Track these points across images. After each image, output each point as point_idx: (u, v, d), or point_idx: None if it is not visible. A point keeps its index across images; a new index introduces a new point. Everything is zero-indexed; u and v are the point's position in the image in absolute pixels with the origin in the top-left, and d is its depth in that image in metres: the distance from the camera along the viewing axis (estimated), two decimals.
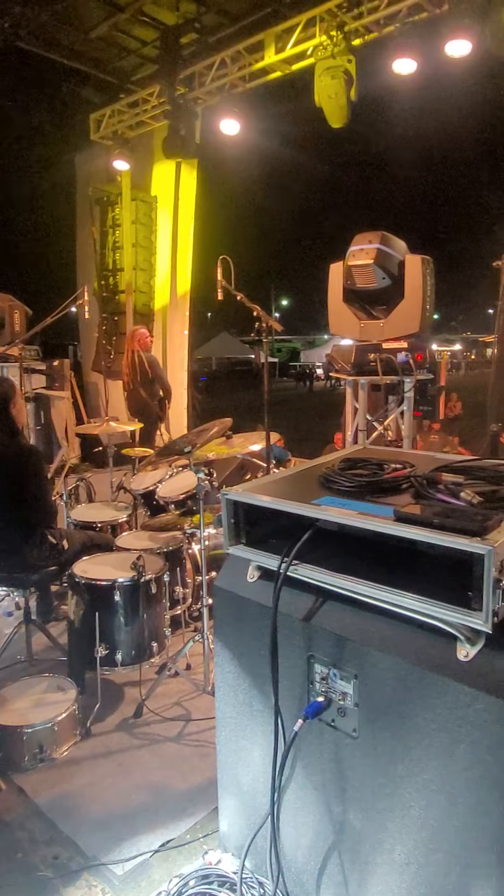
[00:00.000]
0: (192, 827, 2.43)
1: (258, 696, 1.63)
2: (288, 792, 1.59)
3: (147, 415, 6.66)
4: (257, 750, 1.66)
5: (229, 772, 1.77)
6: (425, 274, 2.79)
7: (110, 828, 2.43)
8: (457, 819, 1.27)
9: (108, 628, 3.07)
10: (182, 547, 3.67)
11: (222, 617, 1.71)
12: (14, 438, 3.19)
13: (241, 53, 6.76)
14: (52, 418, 5.99)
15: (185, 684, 3.33)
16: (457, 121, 10.00)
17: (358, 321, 2.98)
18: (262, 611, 1.54)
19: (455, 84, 6.12)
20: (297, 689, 1.53)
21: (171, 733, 2.98)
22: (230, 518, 1.56)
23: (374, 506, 1.38)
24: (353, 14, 5.83)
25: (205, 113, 7.47)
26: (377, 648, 1.35)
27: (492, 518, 1.21)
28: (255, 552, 1.54)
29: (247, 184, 10.11)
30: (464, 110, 6.95)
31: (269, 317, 3.18)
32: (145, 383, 6.56)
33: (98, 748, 2.88)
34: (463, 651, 1.25)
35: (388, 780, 1.38)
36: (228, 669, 1.71)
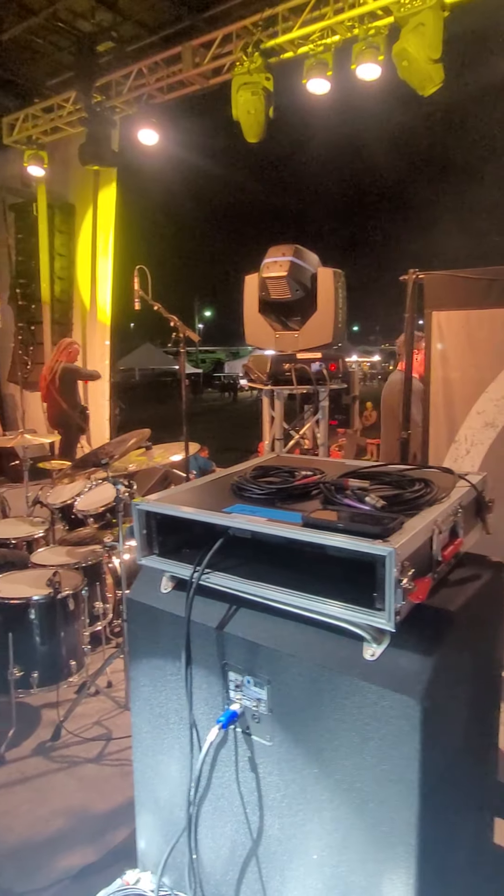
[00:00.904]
0: (112, 849, 2.37)
1: (174, 708, 1.61)
2: (205, 803, 1.58)
3: (68, 426, 6.49)
4: (174, 764, 1.63)
5: (147, 788, 1.73)
6: (337, 286, 2.89)
7: (26, 857, 2.34)
8: (368, 816, 1.30)
9: (23, 649, 2.94)
10: (101, 561, 3.58)
11: (136, 630, 1.68)
12: None
13: (158, 65, 6.77)
14: None
15: (106, 702, 3.25)
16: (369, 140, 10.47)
17: (273, 332, 3.04)
18: (176, 621, 1.52)
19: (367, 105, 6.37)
20: (213, 698, 1.52)
21: (91, 754, 2.90)
22: (143, 529, 1.55)
23: (283, 512, 1.40)
24: (269, 33, 5.96)
25: (123, 122, 7.40)
26: (289, 653, 1.37)
27: (393, 521, 1.26)
28: (168, 562, 1.53)
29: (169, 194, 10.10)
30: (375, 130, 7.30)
31: (186, 327, 3.18)
32: (65, 394, 6.40)
33: (13, 775, 2.76)
34: (369, 651, 1.28)
35: (302, 785, 1.40)
36: (143, 683, 1.68)
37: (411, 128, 12.38)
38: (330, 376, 2.92)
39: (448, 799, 1.37)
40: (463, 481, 1.57)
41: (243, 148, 6.22)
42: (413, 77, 4.96)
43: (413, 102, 5.16)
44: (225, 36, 6.27)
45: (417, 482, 1.51)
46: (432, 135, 18.73)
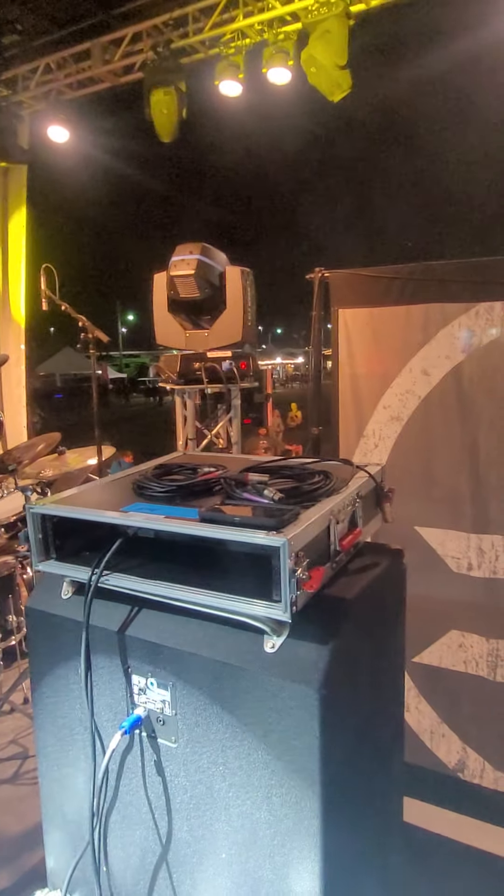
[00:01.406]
0: (27, 871, 2.28)
1: (78, 718, 1.55)
2: (113, 813, 1.53)
3: None
4: (80, 775, 1.58)
5: (53, 803, 1.66)
6: (245, 285, 2.90)
7: None
8: (273, 810, 1.30)
9: None
10: (14, 572, 3.44)
11: (36, 639, 1.61)
12: None
13: (67, 60, 6.60)
14: None
15: (22, 720, 3.13)
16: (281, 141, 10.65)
17: (184, 331, 3.02)
18: (77, 627, 1.47)
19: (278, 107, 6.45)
20: (118, 704, 1.48)
21: (6, 774, 2.78)
22: (38, 533, 1.48)
23: (181, 509, 1.38)
24: (179, 33, 5.94)
25: (32, 118, 7.16)
26: (190, 651, 1.35)
27: (288, 512, 1.27)
28: (67, 566, 1.48)
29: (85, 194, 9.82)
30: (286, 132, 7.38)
31: (94, 327, 3.11)
32: None
33: None
34: (269, 643, 1.28)
35: (208, 784, 1.38)
36: (46, 694, 1.61)
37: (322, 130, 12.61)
38: (241, 375, 2.93)
39: (351, 785, 1.39)
40: (362, 472, 1.61)
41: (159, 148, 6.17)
42: (322, 83, 5.07)
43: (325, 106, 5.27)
44: (135, 34, 6.20)
45: (317, 474, 1.53)
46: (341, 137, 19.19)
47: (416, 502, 2.69)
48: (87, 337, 3.16)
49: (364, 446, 2.77)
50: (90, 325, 3.12)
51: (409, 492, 2.65)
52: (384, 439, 2.73)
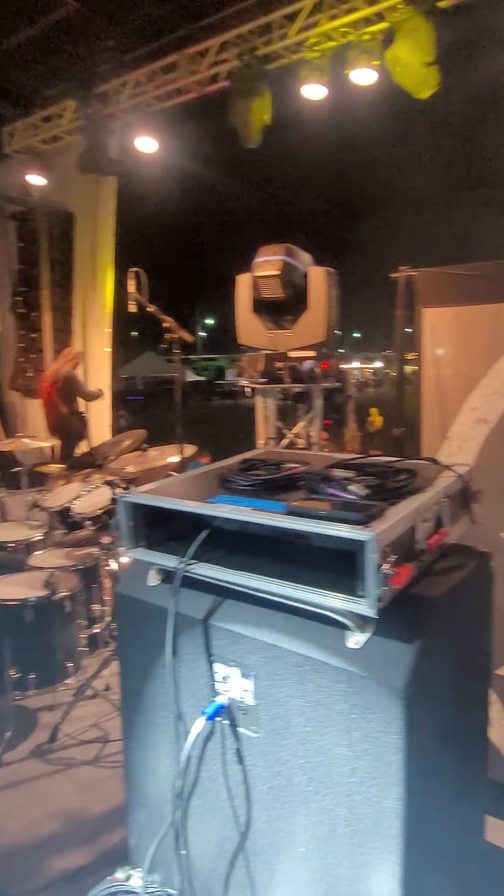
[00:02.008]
0: (107, 851, 2.36)
1: (163, 702, 1.60)
2: (193, 798, 1.57)
3: (67, 432, 6.51)
4: (163, 758, 1.63)
5: (137, 784, 1.72)
6: (329, 285, 2.89)
7: (19, 859, 2.32)
8: (353, 808, 1.29)
9: (20, 650, 2.95)
10: (99, 564, 3.58)
11: (124, 624, 1.68)
12: None
13: (156, 73, 6.83)
14: None
15: (104, 705, 3.24)
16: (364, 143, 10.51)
17: (266, 331, 3.05)
18: (163, 614, 1.52)
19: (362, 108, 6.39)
20: (200, 690, 1.52)
21: (88, 756, 2.89)
22: (129, 521, 1.55)
23: (267, 502, 1.40)
24: (264, 40, 6.02)
25: (122, 130, 7.45)
26: (273, 643, 1.37)
27: (375, 508, 1.26)
28: (155, 554, 1.53)
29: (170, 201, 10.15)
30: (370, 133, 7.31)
31: (180, 328, 3.20)
32: (66, 400, 6.44)
33: (8, 778, 2.75)
34: (353, 639, 1.28)
35: (288, 777, 1.39)
36: (132, 678, 1.67)
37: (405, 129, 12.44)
38: (323, 375, 2.93)
39: (434, 792, 1.36)
40: (448, 471, 1.57)
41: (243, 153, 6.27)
42: (408, 81, 5.00)
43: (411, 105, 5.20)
44: (221, 44, 6.33)
45: (402, 472, 1.51)
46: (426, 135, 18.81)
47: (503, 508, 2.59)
48: (172, 337, 3.25)
49: (448, 448, 2.70)
50: (176, 325, 3.22)
51: (496, 497, 2.56)
52: (469, 442, 2.65)
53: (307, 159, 9.50)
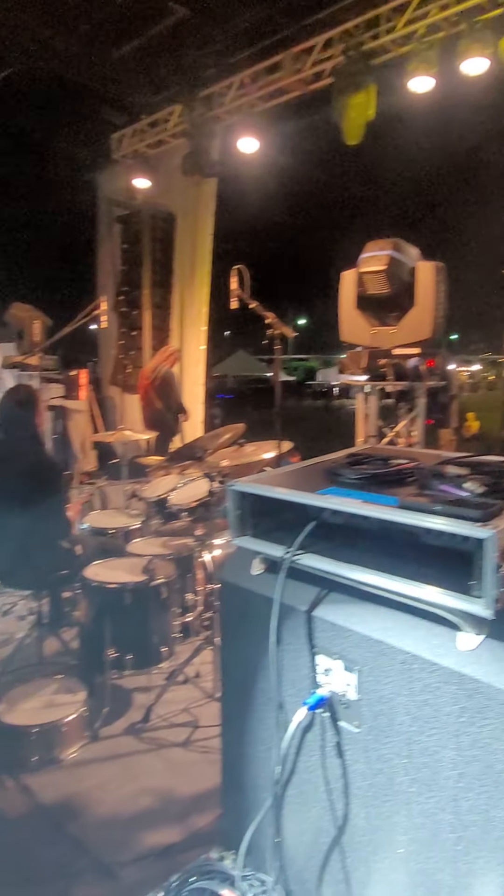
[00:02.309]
0: (196, 832, 2.42)
1: (262, 689, 1.62)
2: (290, 787, 1.58)
3: (162, 427, 6.73)
4: (260, 745, 1.65)
5: (233, 768, 1.76)
6: (438, 280, 2.81)
7: (115, 830, 2.43)
8: (459, 815, 1.26)
9: (118, 632, 3.07)
10: (193, 554, 3.67)
11: (227, 610, 1.72)
12: (37, 447, 3.23)
13: (259, 74, 6.91)
14: (69, 429, 6.08)
15: (194, 691, 3.33)
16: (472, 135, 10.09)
17: (370, 327, 3.01)
18: (267, 603, 1.54)
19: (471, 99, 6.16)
20: (302, 681, 1.52)
21: (179, 739, 2.97)
22: (236, 509, 1.58)
23: (378, 496, 1.39)
24: (371, 34, 5.94)
25: (224, 131, 7.60)
26: (379, 639, 1.35)
27: (494, 505, 1.22)
28: (261, 543, 1.55)
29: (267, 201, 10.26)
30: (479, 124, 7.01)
31: (281, 324, 3.22)
32: (163, 396, 6.65)
33: (105, 751, 2.88)
34: (465, 640, 1.24)
35: (389, 775, 1.37)
36: (233, 663, 1.71)
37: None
38: (428, 373, 2.85)
39: None
40: None
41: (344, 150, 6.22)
42: None
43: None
44: (326, 41, 6.31)
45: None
46: None
47: None
48: (273, 333, 3.28)
49: None
50: (277, 321, 3.25)
51: None
52: None
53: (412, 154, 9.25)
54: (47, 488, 3.19)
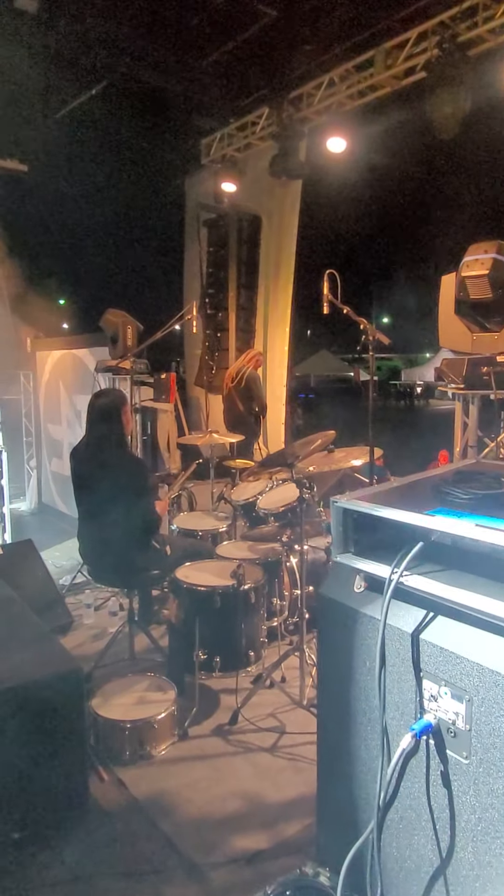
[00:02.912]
0: (284, 841, 2.42)
1: (362, 709, 1.60)
2: (391, 812, 1.54)
3: (244, 429, 6.79)
4: (359, 765, 1.62)
5: (329, 784, 1.74)
6: None
7: (205, 831, 2.47)
8: None
9: (208, 634, 3.13)
10: (280, 559, 3.68)
11: (326, 626, 1.70)
12: (122, 449, 3.34)
13: (349, 72, 6.81)
14: (156, 430, 6.26)
15: (280, 696, 3.33)
16: None
17: (470, 334, 2.90)
18: (369, 622, 1.51)
19: None
20: (404, 705, 1.49)
21: (266, 744, 2.99)
22: (339, 526, 1.56)
23: (492, 518, 1.33)
24: (467, 24, 5.72)
25: (311, 131, 7.56)
26: (493, 668, 1.29)
27: None
28: (365, 561, 1.53)
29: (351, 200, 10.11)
30: None
31: (376, 330, 3.16)
32: (245, 399, 6.70)
33: (194, 751, 2.93)
34: None
35: (501, 812, 1.31)
36: (331, 679, 1.69)
37: None
38: None
39: None
40: None
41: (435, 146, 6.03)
42: None
43: None
44: (420, 34, 6.14)
45: None
46: None
47: None
48: (368, 339, 3.23)
49: None
50: (371, 327, 3.19)
51: None
52: None
53: None
54: (135, 489, 3.28)
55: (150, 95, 8.03)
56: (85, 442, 3.40)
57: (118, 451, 3.32)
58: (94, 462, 3.31)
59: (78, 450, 3.43)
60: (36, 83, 7.20)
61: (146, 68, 7.53)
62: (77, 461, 3.40)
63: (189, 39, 7.16)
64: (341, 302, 3.47)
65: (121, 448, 3.34)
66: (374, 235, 27.55)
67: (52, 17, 6.52)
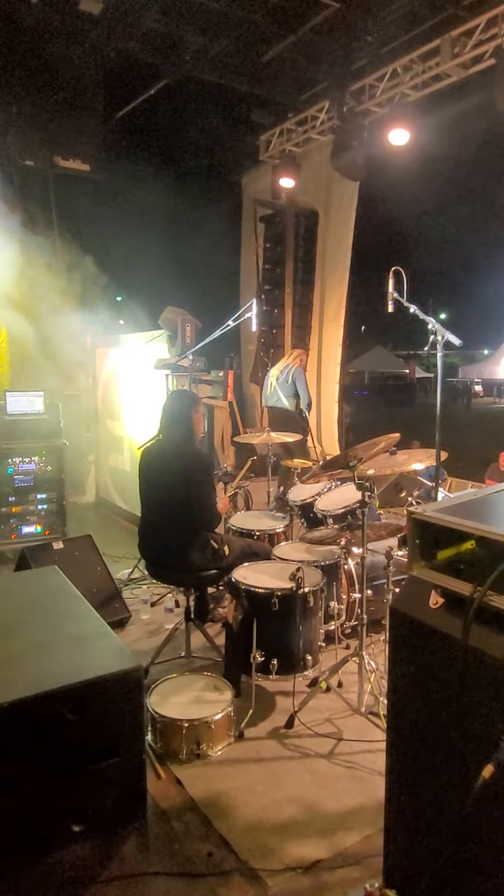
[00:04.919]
0: (342, 851, 2.37)
1: (435, 729, 1.54)
2: (469, 841, 1.48)
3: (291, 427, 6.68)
4: (432, 788, 1.56)
5: (399, 803, 1.68)
6: None
7: (262, 835, 2.44)
8: None
9: (265, 636, 3.10)
10: (339, 562, 3.63)
11: (399, 641, 1.64)
12: (188, 445, 3.37)
13: (413, 62, 6.64)
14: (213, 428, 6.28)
15: (337, 702, 3.28)
16: None
17: None
18: (445, 640, 1.45)
19: None
20: (481, 729, 1.42)
21: (323, 750, 2.94)
22: (416, 538, 1.50)
23: None
24: None
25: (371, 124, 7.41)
26: None
27: None
28: (444, 577, 1.46)
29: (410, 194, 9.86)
30: None
31: (444, 329, 3.06)
32: (290, 397, 6.58)
33: (250, 753, 2.92)
34: None
35: None
36: (404, 695, 1.63)
37: None
38: None
39: None
40: None
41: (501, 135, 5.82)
42: None
43: None
44: (489, 20, 5.92)
45: None
46: None
47: None
48: (436, 339, 3.13)
49: None
50: (440, 327, 3.09)
51: None
52: None
53: None
54: (199, 484, 3.31)
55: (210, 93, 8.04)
56: (156, 440, 3.47)
57: (186, 449, 3.37)
58: (163, 460, 3.38)
59: (150, 449, 3.50)
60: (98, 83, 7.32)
61: (206, 66, 7.55)
62: (147, 459, 3.48)
63: (250, 35, 7.13)
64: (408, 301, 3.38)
65: (187, 444, 3.39)
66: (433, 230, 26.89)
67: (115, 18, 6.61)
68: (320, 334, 9.00)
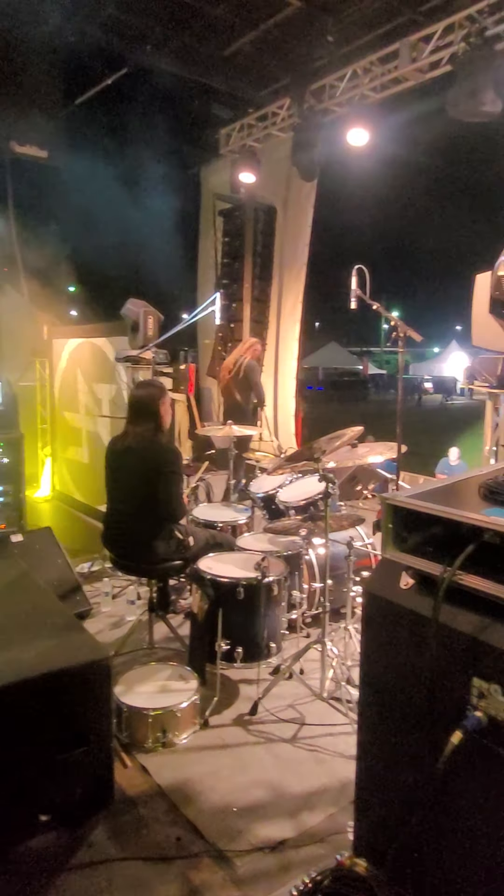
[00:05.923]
0: (307, 830, 2.45)
1: (405, 702, 1.61)
2: (439, 807, 1.56)
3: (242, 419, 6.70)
4: (402, 758, 1.64)
5: (369, 776, 1.76)
6: None
7: (229, 818, 2.50)
8: None
9: (230, 625, 3.15)
10: (300, 552, 3.70)
11: (372, 621, 1.71)
12: (156, 436, 3.37)
13: (373, 64, 6.76)
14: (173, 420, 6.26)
15: (300, 688, 3.36)
16: None
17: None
18: (416, 618, 1.53)
19: None
20: (451, 701, 1.50)
21: (286, 734, 3.01)
22: (389, 523, 1.57)
23: None
24: (495, 18, 5.67)
25: (331, 123, 7.50)
26: None
27: None
28: (416, 559, 1.54)
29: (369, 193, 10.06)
30: None
31: (406, 326, 3.16)
32: (242, 389, 6.56)
33: (216, 740, 2.96)
34: None
35: None
36: (376, 673, 1.71)
37: None
38: None
39: None
40: None
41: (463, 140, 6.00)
42: None
43: None
44: (446, 27, 6.08)
45: None
46: None
47: None
48: (398, 335, 3.23)
49: None
50: (402, 323, 3.19)
51: None
52: None
53: None
54: (166, 476, 3.30)
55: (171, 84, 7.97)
56: (123, 431, 3.45)
57: (153, 440, 3.36)
58: (130, 451, 3.35)
59: (116, 440, 3.48)
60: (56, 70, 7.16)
61: (166, 56, 7.48)
62: (113, 450, 3.45)
63: (211, 28, 7.11)
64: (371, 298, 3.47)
65: (156, 437, 3.38)
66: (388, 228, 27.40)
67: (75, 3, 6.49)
68: (277, 329, 9.08)
